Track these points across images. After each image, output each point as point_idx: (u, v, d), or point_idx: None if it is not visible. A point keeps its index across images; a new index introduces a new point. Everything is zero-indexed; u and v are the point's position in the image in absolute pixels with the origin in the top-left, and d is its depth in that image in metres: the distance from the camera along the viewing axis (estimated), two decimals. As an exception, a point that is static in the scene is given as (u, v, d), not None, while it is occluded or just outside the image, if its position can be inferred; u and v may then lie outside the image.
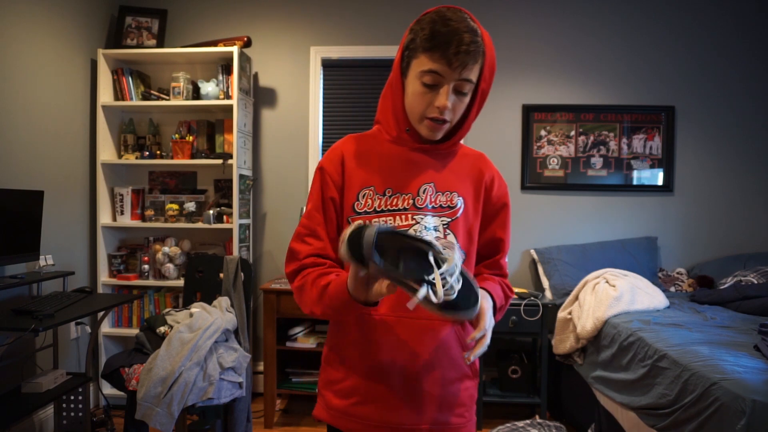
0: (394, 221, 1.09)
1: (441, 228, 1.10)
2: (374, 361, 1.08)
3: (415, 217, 1.09)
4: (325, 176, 1.12)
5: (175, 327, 2.31)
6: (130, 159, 3.14)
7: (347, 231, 0.87)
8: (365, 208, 1.09)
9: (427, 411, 1.08)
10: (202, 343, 2.24)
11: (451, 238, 1.11)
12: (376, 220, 1.09)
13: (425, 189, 1.11)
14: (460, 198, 1.12)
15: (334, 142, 1.19)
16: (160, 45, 3.18)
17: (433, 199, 1.11)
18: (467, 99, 1.06)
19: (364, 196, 1.10)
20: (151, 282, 3.10)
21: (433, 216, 1.10)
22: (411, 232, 1.02)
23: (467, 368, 1.14)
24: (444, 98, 1.01)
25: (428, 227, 1.09)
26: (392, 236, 0.87)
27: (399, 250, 0.88)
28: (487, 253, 1.20)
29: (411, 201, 1.10)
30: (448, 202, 1.12)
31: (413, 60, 1.03)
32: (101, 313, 2.64)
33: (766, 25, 3.24)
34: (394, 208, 1.09)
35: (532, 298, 2.82)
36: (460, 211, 1.12)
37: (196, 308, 2.46)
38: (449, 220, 1.12)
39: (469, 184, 1.15)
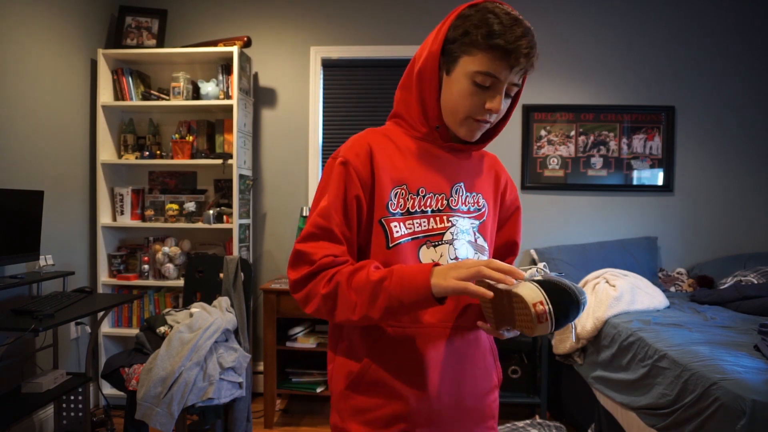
0: (428, 224, 1.00)
1: (471, 231, 1.04)
2: (423, 380, 0.96)
3: (450, 219, 1.01)
4: (351, 171, 0.97)
5: (175, 327, 2.31)
6: (130, 159, 3.14)
7: (543, 291, 0.80)
8: (398, 209, 0.98)
9: (468, 428, 1.01)
10: (202, 343, 2.24)
11: (481, 241, 1.06)
12: (416, 233, 0.99)
13: (457, 189, 1.03)
14: (484, 200, 1.07)
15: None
16: (160, 45, 3.18)
17: (464, 201, 1.04)
18: (509, 101, 1.00)
19: (396, 195, 0.98)
20: (151, 282, 3.10)
21: (464, 218, 1.03)
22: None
23: (495, 377, 1.08)
24: (499, 101, 0.94)
25: (463, 230, 1.02)
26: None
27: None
28: (499, 257, 1.17)
29: (445, 202, 1.01)
30: (476, 204, 1.06)
31: (464, 56, 0.93)
32: (101, 313, 2.64)
33: (766, 25, 3.24)
34: (428, 209, 1.00)
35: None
36: (486, 213, 1.07)
37: (196, 308, 2.46)
38: (478, 222, 1.06)
39: (489, 186, 1.10)
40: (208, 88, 3.07)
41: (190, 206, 3.12)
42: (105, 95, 3.07)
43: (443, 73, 0.98)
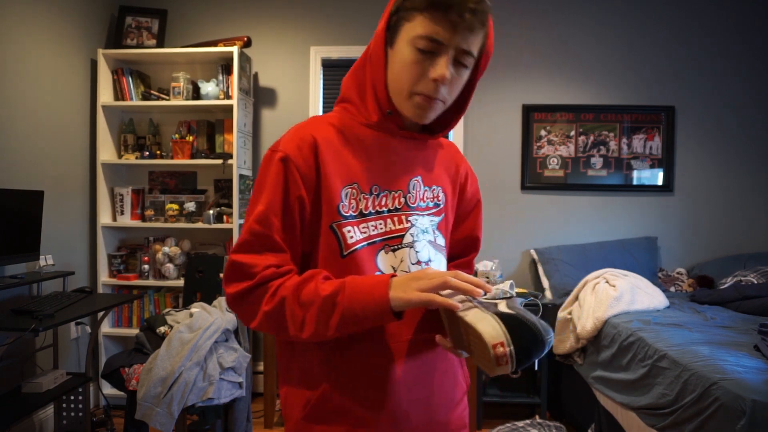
0: (386, 225, 0.90)
1: (431, 230, 0.95)
2: (388, 401, 0.86)
3: (409, 218, 0.91)
4: (291, 168, 0.84)
5: (175, 327, 2.31)
6: (130, 159, 3.14)
7: (505, 329, 0.73)
8: (350, 211, 0.87)
9: None
10: (202, 343, 2.24)
11: (440, 240, 0.97)
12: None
13: (414, 184, 0.93)
14: (444, 194, 0.98)
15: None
16: (160, 45, 3.18)
17: (422, 196, 0.94)
18: (466, 75, 0.87)
19: (347, 196, 0.87)
20: (151, 282, 3.10)
21: (423, 216, 0.94)
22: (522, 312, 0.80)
23: (464, 384, 1.00)
24: (443, 67, 0.82)
25: (423, 230, 0.93)
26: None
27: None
28: (460, 252, 1.08)
29: (403, 199, 0.91)
30: (435, 199, 0.96)
31: (405, 23, 0.83)
32: (101, 313, 2.64)
33: (766, 25, 3.24)
34: (384, 209, 0.90)
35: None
36: (445, 209, 0.98)
37: (196, 308, 2.46)
38: (438, 219, 0.96)
39: (447, 177, 1.00)
40: (208, 88, 3.07)
41: (190, 206, 3.12)
42: (105, 95, 3.07)
43: (389, 49, 0.87)
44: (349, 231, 0.86)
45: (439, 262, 0.96)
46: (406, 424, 0.88)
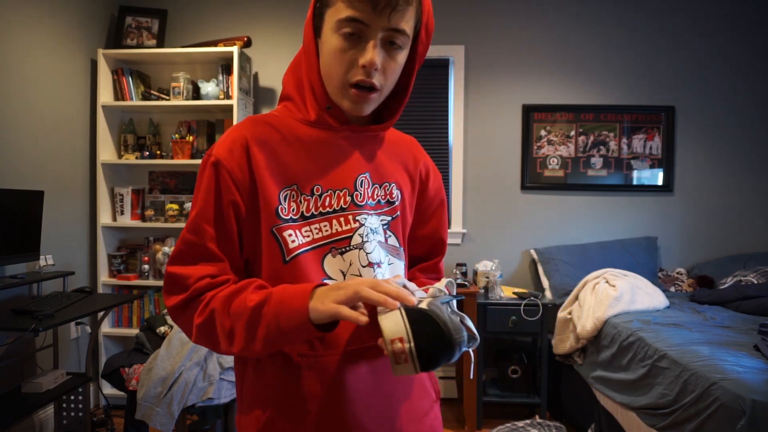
0: (331, 227, 0.84)
1: (382, 230, 0.89)
2: (349, 416, 0.81)
3: (357, 218, 0.86)
4: (223, 173, 0.80)
5: (175, 327, 2.31)
6: (130, 159, 3.14)
7: (408, 323, 0.68)
8: (290, 215, 0.82)
9: None
10: (202, 343, 2.24)
11: (392, 241, 0.91)
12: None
13: (362, 181, 0.87)
14: (398, 190, 0.92)
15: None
16: (160, 45, 3.18)
17: (371, 194, 0.88)
18: (401, 57, 0.81)
19: (287, 198, 0.82)
20: (151, 282, 3.10)
21: (373, 215, 0.88)
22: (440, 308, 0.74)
23: (433, 391, 0.94)
24: (372, 53, 0.76)
25: (373, 229, 0.87)
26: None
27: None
28: (424, 255, 1.01)
29: (349, 198, 0.85)
30: (387, 197, 0.90)
31: (327, 9, 0.79)
32: (101, 313, 2.64)
33: (765, 25, 3.24)
34: (329, 210, 0.84)
35: (532, 298, 2.81)
36: (400, 207, 0.92)
37: (196, 308, 2.46)
38: (389, 218, 0.90)
39: (404, 173, 0.94)
40: (208, 88, 3.07)
41: (190, 206, 3.12)
42: (105, 95, 3.07)
43: (318, 40, 0.83)
44: (290, 235, 0.82)
45: (392, 265, 0.90)
46: None
